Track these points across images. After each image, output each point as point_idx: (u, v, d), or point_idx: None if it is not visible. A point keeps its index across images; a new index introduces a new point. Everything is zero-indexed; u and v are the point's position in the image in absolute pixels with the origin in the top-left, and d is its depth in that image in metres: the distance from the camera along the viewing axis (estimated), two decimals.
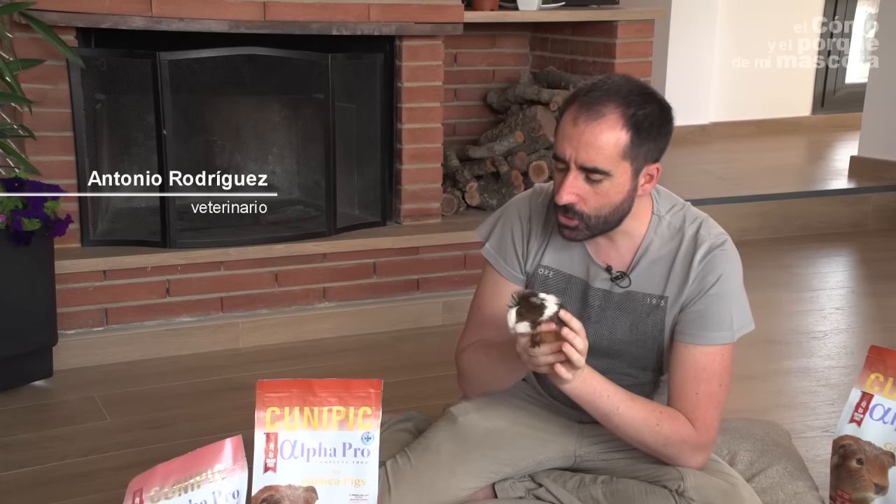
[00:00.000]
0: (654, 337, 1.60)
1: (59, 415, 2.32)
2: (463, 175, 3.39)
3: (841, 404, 1.99)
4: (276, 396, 1.51)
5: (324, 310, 2.96)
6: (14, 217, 2.25)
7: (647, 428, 1.52)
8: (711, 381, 1.54)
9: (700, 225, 1.58)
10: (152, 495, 1.33)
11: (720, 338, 1.55)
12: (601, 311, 1.61)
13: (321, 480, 1.50)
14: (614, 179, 1.48)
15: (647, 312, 1.59)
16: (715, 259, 1.54)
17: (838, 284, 3.69)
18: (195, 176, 2.67)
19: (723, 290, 1.54)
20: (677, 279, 1.56)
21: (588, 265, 1.62)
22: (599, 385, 1.49)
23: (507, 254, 1.66)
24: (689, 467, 1.56)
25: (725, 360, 1.56)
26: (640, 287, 1.59)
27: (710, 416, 1.55)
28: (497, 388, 1.68)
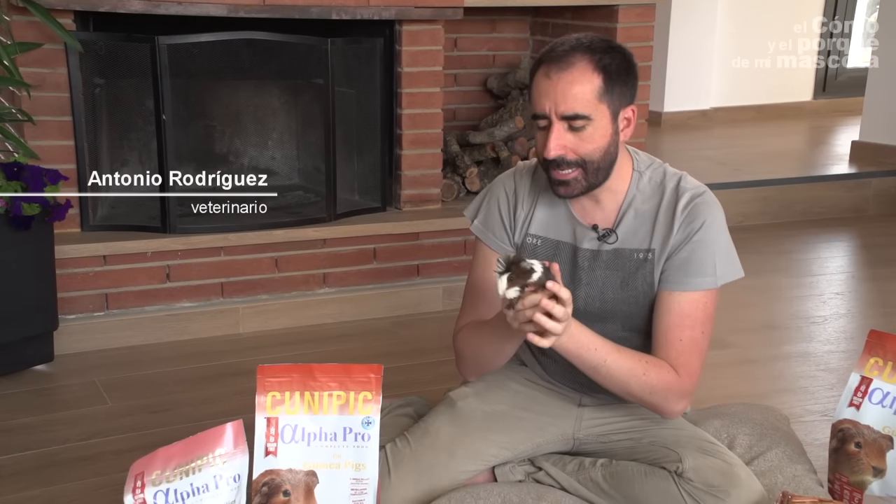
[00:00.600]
0: (644, 292, 1.62)
1: (61, 399, 2.33)
2: (463, 160, 3.39)
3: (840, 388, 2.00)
4: (277, 381, 1.51)
5: (324, 295, 2.96)
6: (14, 202, 2.25)
7: (634, 378, 1.55)
8: (695, 327, 1.58)
9: (680, 178, 1.63)
10: (154, 479, 1.33)
11: (703, 283, 1.58)
12: (591, 272, 1.63)
13: (322, 464, 1.51)
14: (596, 123, 1.53)
15: (635, 268, 1.61)
16: (697, 207, 1.58)
17: (838, 269, 3.69)
18: (195, 176, 2.67)
19: (707, 237, 1.57)
20: (662, 230, 1.59)
21: (574, 228, 1.65)
22: (587, 339, 1.51)
23: (495, 227, 1.70)
24: (671, 414, 1.61)
25: (708, 307, 1.59)
26: (626, 243, 1.62)
27: (693, 362, 1.58)
28: (491, 365, 1.69)
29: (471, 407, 1.71)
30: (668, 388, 1.56)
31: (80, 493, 1.83)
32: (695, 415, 1.87)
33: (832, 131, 5.94)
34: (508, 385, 1.75)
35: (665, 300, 1.59)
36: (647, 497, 1.52)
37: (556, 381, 1.75)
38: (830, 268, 3.70)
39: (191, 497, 1.35)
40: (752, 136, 5.74)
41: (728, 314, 3.02)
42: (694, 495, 1.49)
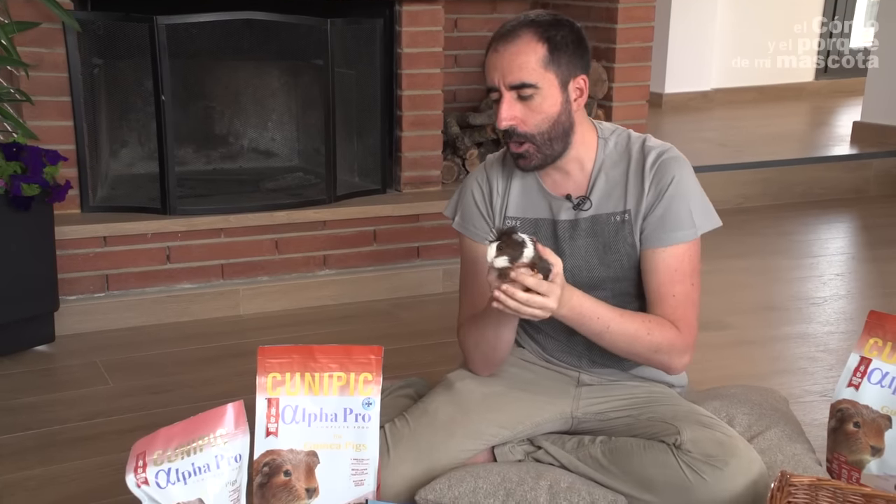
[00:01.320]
0: (628, 254, 1.64)
1: (62, 379, 2.34)
2: (463, 142, 3.38)
3: (839, 369, 2.01)
4: (277, 362, 1.52)
5: (324, 277, 2.97)
6: (13, 182, 2.25)
7: (639, 339, 1.57)
8: (684, 281, 1.61)
9: (644, 139, 1.67)
10: (155, 458, 1.34)
11: (684, 236, 1.60)
12: (572, 242, 1.66)
13: (322, 445, 1.52)
14: (544, 92, 1.56)
15: (615, 231, 1.64)
16: (665, 164, 1.62)
17: (838, 251, 3.69)
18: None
19: (679, 190, 1.60)
20: (634, 190, 1.62)
21: (549, 202, 1.68)
22: (589, 309, 1.53)
23: (474, 219, 1.73)
24: (676, 369, 1.64)
25: (693, 258, 1.63)
26: (602, 208, 1.65)
27: (690, 314, 1.61)
28: (496, 355, 1.70)
29: (469, 388, 1.72)
30: (671, 344, 1.59)
31: (82, 472, 1.84)
32: (694, 396, 1.88)
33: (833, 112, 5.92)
34: (506, 367, 1.77)
35: (651, 259, 1.62)
36: (647, 470, 1.53)
37: (555, 359, 1.76)
38: (830, 249, 3.70)
39: (192, 476, 1.36)
40: (753, 118, 5.72)
41: (727, 295, 3.03)
42: (693, 466, 1.50)
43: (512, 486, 1.57)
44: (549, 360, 1.77)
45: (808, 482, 1.46)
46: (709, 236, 1.67)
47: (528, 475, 1.60)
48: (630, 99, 3.51)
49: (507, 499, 1.56)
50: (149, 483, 1.33)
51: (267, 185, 3.13)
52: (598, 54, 3.47)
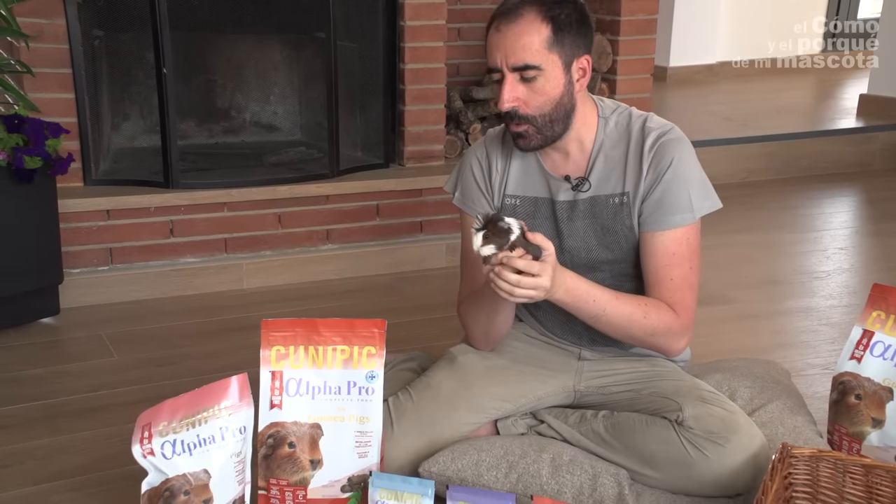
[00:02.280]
0: (626, 236, 1.63)
1: (68, 351, 2.35)
2: (466, 116, 3.36)
3: (841, 342, 2.01)
4: (281, 335, 1.53)
5: (327, 252, 2.97)
6: (15, 155, 2.24)
7: (635, 323, 1.57)
8: (682, 264, 1.60)
9: (646, 119, 1.64)
10: (161, 429, 1.35)
11: (682, 220, 1.59)
12: (570, 223, 1.65)
13: (326, 417, 1.53)
14: (547, 73, 1.53)
15: (613, 212, 1.62)
16: (664, 146, 1.59)
17: (842, 224, 3.68)
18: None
19: (678, 174, 1.58)
20: (633, 172, 1.61)
21: (549, 182, 1.67)
22: (584, 292, 1.53)
23: (474, 195, 1.72)
24: (673, 352, 1.64)
25: (692, 241, 1.61)
26: (601, 190, 1.63)
27: (688, 298, 1.60)
28: (496, 331, 1.71)
29: (472, 361, 1.72)
30: (668, 328, 1.59)
31: (89, 442, 1.86)
32: (696, 369, 1.88)
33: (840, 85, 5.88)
34: (509, 341, 1.77)
35: (649, 242, 1.61)
36: (649, 446, 1.54)
37: (555, 336, 1.76)
38: (835, 223, 3.69)
39: (198, 448, 1.37)
40: (758, 91, 5.68)
41: (731, 270, 3.03)
42: (694, 442, 1.51)
43: (514, 459, 1.58)
44: (549, 336, 1.77)
45: (808, 454, 1.47)
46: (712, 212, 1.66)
47: (530, 448, 1.61)
48: (634, 72, 3.48)
49: (510, 471, 1.57)
50: (154, 454, 1.34)
51: (269, 159, 3.12)
52: (603, 27, 3.44)
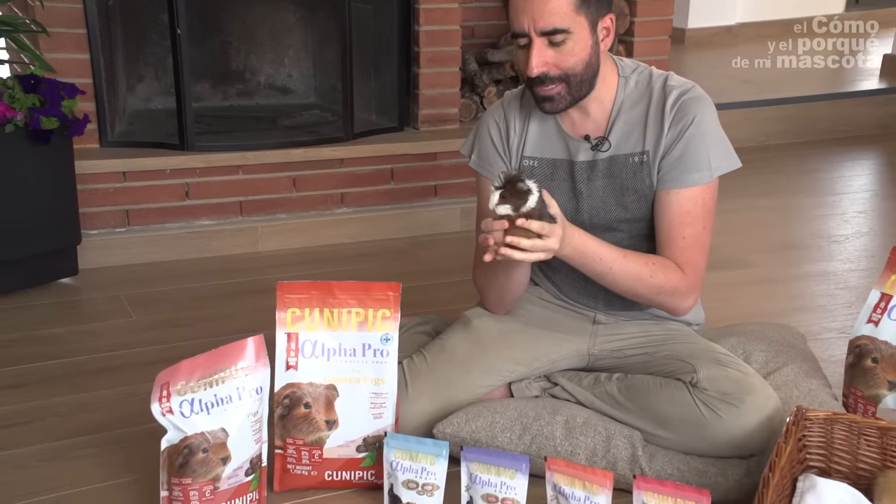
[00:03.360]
0: (645, 196, 1.62)
1: (87, 311, 2.37)
2: (481, 79, 3.33)
3: (858, 306, 2.00)
4: (297, 298, 1.53)
5: (342, 215, 2.97)
6: (32, 115, 2.25)
7: (641, 281, 1.57)
8: (696, 224, 1.59)
9: (667, 78, 1.63)
10: (179, 389, 1.37)
11: (699, 178, 1.58)
12: (590, 184, 1.64)
13: (342, 379, 1.54)
14: (575, 36, 1.52)
15: (632, 172, 1.62)
16: (686, 104, 1.58)
17: (862, 188, 3.63)
18: None
19: (699, 131, 1.57)
20: (654, 131, 1.60)
21: (567, 143, 1.66)
22: (591, 250, 1.53)
23: (491, 158, 1.71)
24: (680, 311, 1.63)
25: (707, 201, 1.60)
26: (620, 149, 1.62)
27: (698, 258, 1.60)
28: (510, 295, 1.71)
29: (486, 325, 1.73)
30: (675, 287, 1.58)
31: (109, 400, 1.89)
32: (711, 333, 1.88)
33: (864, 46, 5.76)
34: (523, 304, 1.77)
35: (664, 200, 1.60)
36: (663, 407, 1.55)
37: (570, 299, 1.76)
38: (854, 186, 3.64)
39: (215, 407, 1.39)
40: (779, 53, 5.58)
41: (748, 234, 3.01)
42: (709, 403, 1.51)
43: (528, 421, 1.59)
44: (564, 300, 1.77)
45: (823, 416, 1.47)
46: (730, 176, 1.65)
47: (544, 411, 1.62)
48: (652, 34, 3.43)
49: (524, 433, 1.58)
50: (173, 412, 1.36)
51: (284, 122, 3.11)
52: None
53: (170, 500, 1.40)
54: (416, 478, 1.41)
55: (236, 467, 1.42)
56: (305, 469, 1.54)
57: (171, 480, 1.39)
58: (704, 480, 1.50)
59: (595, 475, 1.34)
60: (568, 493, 1.35)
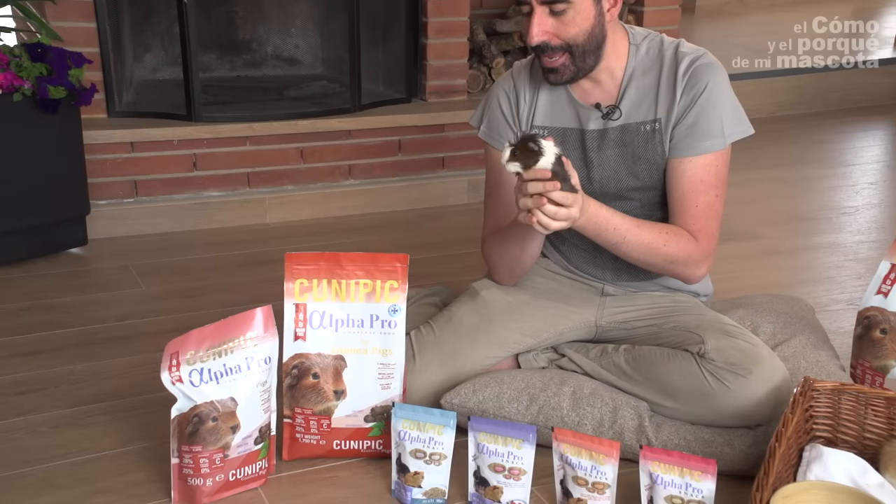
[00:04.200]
0: (657, 165, 1.62)
1: (97, 281, 2.39)
2: (490, 50, 3.30)
3: (868, 278, 1.99)
4: (305, 269, 1.54)
5: (349, 187, 2.96)
6: (40, 84, 2.24)
7: (655, 251, 1.57)
8: (709, 192, 1.59)
9: (678, 45, 1.61)
10: (188, 358, 1.38)
11: (712, 146, 1.57)
12: (601, 153, 1.63)
13: (350, 350, 1.55)
14: (577, 6, 1.51)
15: (644, 140, 1.61)
16: (699, 70, 1.57)
17: (873, 159, 3.61)
18: None
19: (712, 98, 1.57)
20: (666, 98, 1.59)
21: (578, 111, 1.65)
22: (605, 220, 1.52)
23: (500, 128, 1.70)
24: (693, 279, 1.63)
25: (720, 169, 1.59)
26: (632, 117, 1.61)
27: (711, 226, 1.60)
28: (520, 267, 1.71)
29: (494, 297, 1.73)
30: (688, 255, 1.58)
31: (121, 369, 1.90)
32: (719, 305, 1.88)
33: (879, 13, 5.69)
34: (531, 276, 1.77)
35: (677, 168, 1.59)
36: (670, 378, 1.55)
37: (579, 270, 1.76)
38: (865, 157, 3.62)
39: (224, 376, 1.40)
40: (790, 22, 5.51)
41: (757, 206, 2.99)
42: (716, 374, 1.52)
43: (535, 392, 1.60)
44: (573, 271, 1.77)
45: (830, 387, 1.48)
46: (741, 147, 1.64)
47: (551, 381, 1.62)
48: (662, 3, 3.39)
49: (531, 404, 1.59)
50: (183, 381, 1.37)
51: (291, 93, 3.10)
52: None
53: (180, 468, 1.42)
54: (424, 447, 1.42)
55: (245, 436, 1.43)
56: (314, 438, 1.56)
57: (181, 448, 1.40)
58: (711, 450, 1.51)
59: (602, 445, 1.34)
60: (575, 462, 1.36)
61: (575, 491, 1.37)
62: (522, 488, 1.40)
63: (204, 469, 1.41)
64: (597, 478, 1.35)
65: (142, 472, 1.52)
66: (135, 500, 1.45)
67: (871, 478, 1.37)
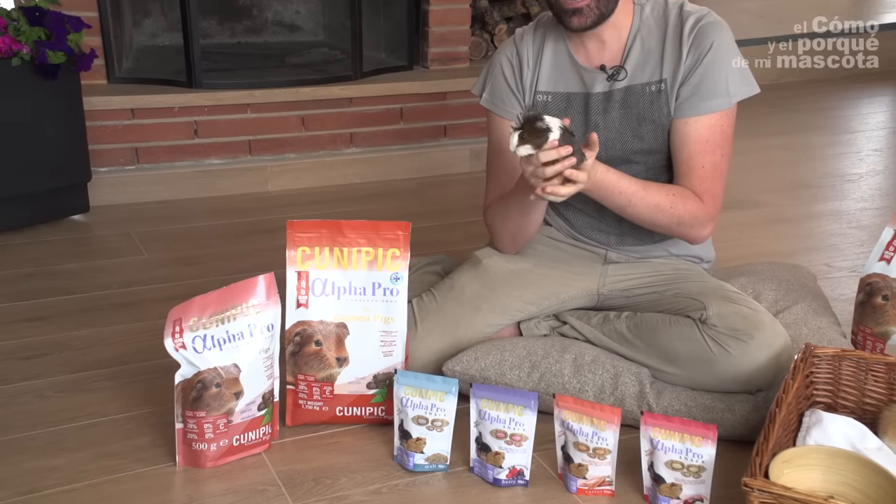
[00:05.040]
0: (663, 126, 1.62)
1: (99, 248, 2.39)
2: (492, 17, 3.27)
3: (870, 245, 1.99)
4: (307, 236, 1.54)
5: (351, 155, 2.95)
6: (39, 49, 2.22)
7: (662, 212, 1.57)
8: (715, 152, 1.59)
9: (682, 5, 1.62)
10: (191, 325, 1.38)
11: (718, 105, 1.58)
12: (605, 115, 1.63)
13: (352, 317, 1.55)
14: None
15: (650, 101, 1.61)
16: (704, 29, 1.57)
17: (879, 125, 3.58)
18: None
19: (717, 57, 1.57)
20: (671, 58, 1.59)
21: (582, 75, 1.65)
22: (612, 184, 1.52)
23: (503, 95, 1.69)
24: (698, 239, 1.64)
25: (725, 128, 1.60)
26: (637, 78, 1.61)
27: (716, 186, 1.60)
28: (524, 235, 1.71)
29: (496, 265, 1.73)
30: (694, 216, 1.58)
31: (124, 335, 1.91)
32: (721, 273, 1.88)
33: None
34: (533, 245, 1.77)
35: (682, 129, 1.59)
36: (672, 344, 1.56)
37: (583, 236, 1.75)
38: (871, 124, 3.59)
39: (227, 343, 1.41)
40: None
41: (761, 173, 2.98)
42: (717, 339, 1.52)
43: (537, 359, 1.60)
44: (577, 237, 1.76)
45: (831, 353, 1.48)
46: (745, 115, 1.63)
47: (553, 349, 1.63)
48: None
49: (532, 371, 1.59)
50: (186, 347, 1.38)
51: (292, 60, 3.07)
52: None
53: (185, 432, 1.43)
54: (426, 414, 1.43)
55: (249, 402, 1.44)
56: (317, 404, 1.57)
57: (185, 413, 1.41)
58: (711, 416, 1.52)
59: (603, 412, 1.35)
60: (576, 429, 1.37)
61: (576, 456, 1.39)
62: (524, 454, 1.41)
63: (208, 434, 1.42)
64: (598, 443, 1.36)
65: (147, 436, 1.54)
66: (141, 464, 1.46)
67: (869, 442, 1.38)
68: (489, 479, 1.43)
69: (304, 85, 2.86)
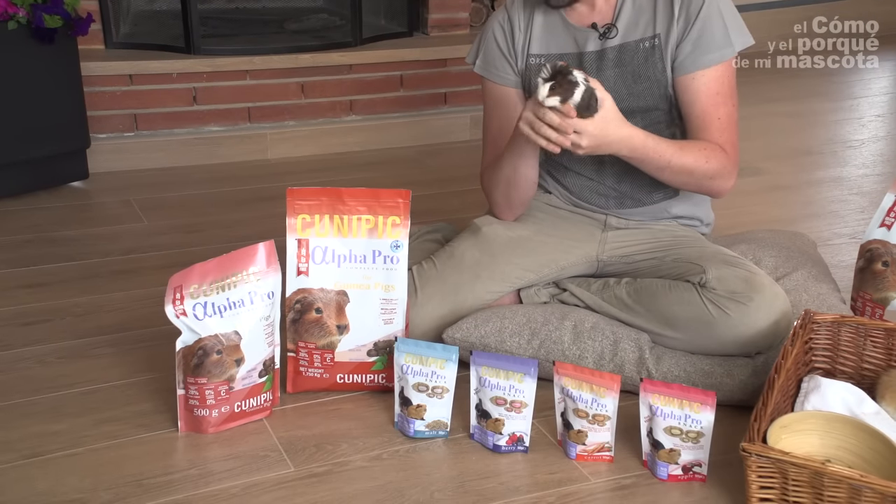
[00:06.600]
0: (658, 81, 1.62)
1: (99, 215, 2.39)
2: None
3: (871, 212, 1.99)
4: (307, 204, 1.53)
5: (351, 123, 2.94)
6: (35, 12, 2.20)
7: (698, 168, 1.58)
8: (727, 102, 1.60)
9: None
10: (192, 292, 1.38)
11: (722, 56, 1.59)
12: (599, 74, 1.63)
13: (352, 285, 1.55)
14: None
15: (644, 58, 1.61)
16: None
17: (882, 90, 3.56)
18: None
19: (712, 10, 1.58)
20: (664, 14, 1.60)
21: (574, 35, 1.65)
22: (652, 149, 1.53)
23: (496, 60, 1.70)
24: (725, 191, 1.64)
25: (731, 77, 1.61)
26: (629, 36, 1.62)
27: (734, 135, 1.62)
28: (518, 195, 1.70)
29: (496, 232, 1.73)
30: (723, 168, 1.59)
31: (125, 302, 1.92)
32: (722, 240, 1.88)
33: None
34: (532, 212, 1.77)
35: (690, 85, 1.60)
36: (671, 308, 1.56)
37: (582, 200, 1.75)
38: (873, 89, 3.57)
39: (228, 310, 1.41)
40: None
41: (761, 140, 2.97)
42: (717, 302, 1.53)
43: (537, 326, 1.61)
44: (576, 203, 1.76)
45: (831, 319, 1.49)
46: (747, 81, 1.62)
47: (552, 316, 1.63)
48: None
49: (532, 338, 1.60)
50: (187, 314, 1.38)
51: (291, 26, 3.04)
52: None
53: (186, 399, 1.44)
54: (427, 381, 1.44)
55: (250, 369, 1.45)
56: (317, 372, 1.58)
57: (186, 380, 1.42)
58: (710, 381, 1.53)
59: (602, 378, 1.36)
60: (576, 395, 1.38)
61: (575, 423, 1.40)
62: (524, 421, 1.42)
63: (209, 400, 1.43)
64: (597, 410, 1.37)
65: (148, 402, 1.55)
66: (143, 429, 1.47)
67: (867, 406, 1.39)
68: (489, 446, 1.44)
69: (304, 51, 2.84)
